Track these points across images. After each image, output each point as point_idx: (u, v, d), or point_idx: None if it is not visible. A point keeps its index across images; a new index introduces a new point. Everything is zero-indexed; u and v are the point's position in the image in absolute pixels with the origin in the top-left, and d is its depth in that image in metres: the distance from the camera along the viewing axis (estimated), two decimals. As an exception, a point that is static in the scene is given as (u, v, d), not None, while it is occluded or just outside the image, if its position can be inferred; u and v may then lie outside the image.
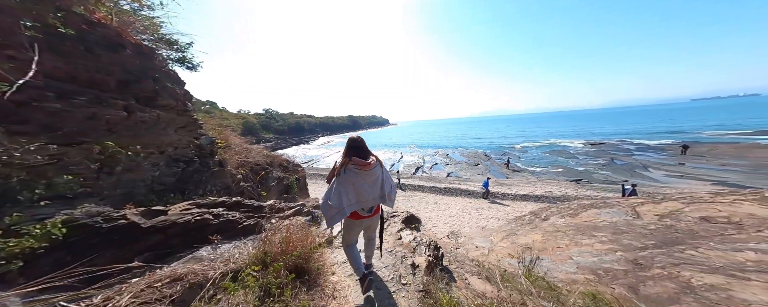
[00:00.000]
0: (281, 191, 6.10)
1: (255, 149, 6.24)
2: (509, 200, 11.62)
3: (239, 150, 4.45)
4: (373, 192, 1.48)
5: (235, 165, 3.55)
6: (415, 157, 32.44)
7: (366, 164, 1.43)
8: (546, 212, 6.64)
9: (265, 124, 79.95)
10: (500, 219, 8.98)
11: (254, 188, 3.76)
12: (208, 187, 3.03)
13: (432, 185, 15.68)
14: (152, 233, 1.75)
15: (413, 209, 10.79)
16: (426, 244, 2.61)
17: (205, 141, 3.38)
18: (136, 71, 2.65)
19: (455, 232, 7.90)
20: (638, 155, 22.89)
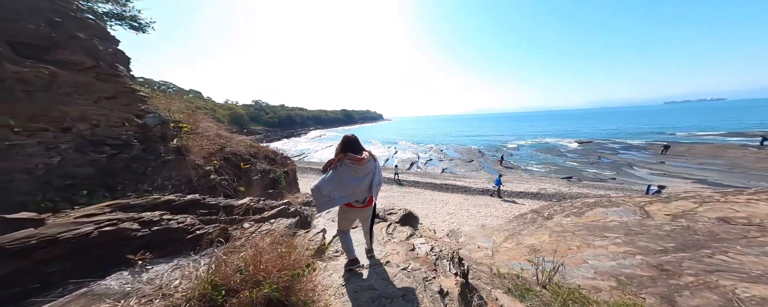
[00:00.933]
0: (266, 186, 5.41)
1: (236, 138, 5.47)
2: (506, 196, 11.49)
3: (212, 137, 3.73)
4: (364, 185, 1.57)
5: (204, 154, 2.88)
6: (409, 152, 32.12)
7: (360, 159, 1.52)
8: (549, 210, 6.42)
9: (254, 115, 76.52)
10: (499, 217, 8.77)
11: (230, 183, 3.10)
12: (159, 181, 2.30)
13: (428, 181, 15.37)
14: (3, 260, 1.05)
15: (410, 206, 10.39)
16: (448, 257, 2.07)
17: (152, 121, 2.59)
18: (11, 5, 1.84)
19: (455, 230, 7.58)
20: (623, 153, 23.75)
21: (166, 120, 2.68)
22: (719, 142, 24.79)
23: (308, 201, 5.43)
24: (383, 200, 11.76)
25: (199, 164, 2.47)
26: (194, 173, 2.37)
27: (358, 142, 1.62)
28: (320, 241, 2.20)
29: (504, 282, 2.56)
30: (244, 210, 2.12)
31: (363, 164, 1.52)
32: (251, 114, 76.88)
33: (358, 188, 1.53)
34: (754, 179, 13.32)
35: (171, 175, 2.36)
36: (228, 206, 2.06)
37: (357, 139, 1.63)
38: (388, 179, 16.60)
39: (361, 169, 1.51)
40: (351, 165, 1.50)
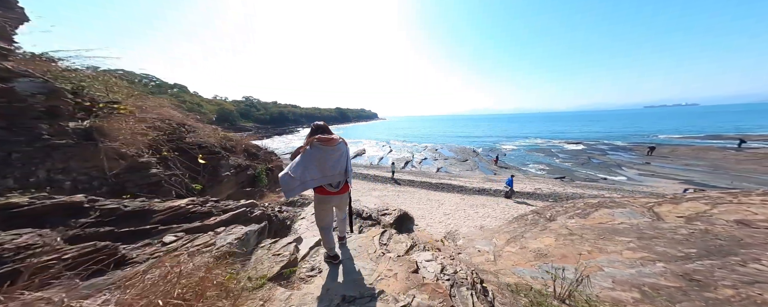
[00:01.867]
0: (243, 184, 4.75)
1: (207, 129, 4.77)
2: (501, 196, 11.24)
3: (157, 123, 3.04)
4: (339, 167, 1.52)
5: (143, 143, 2.23)
6: (404, 151, 31.74)
7: (330, 138, 1.48)
8: (550, 211, 6.10)
9: (244, 112, 73.98)
10: (497, 218, 8.43)
11: (181, 180, 2.46)
12: (42, 173, 1.53)
13: (423, 180, 14.97)
14: None
15: (405, 206, 9.92)
16: (469, 284, 1.46)
17: (26, 87, 1.80)
18: None
19: (452, 232, 7.16)
20: (612, 154, 24.32)
21: (56, 89, 1.91)
22: (700, 145, 25.87)
23: (293, 201, 4.81)
24: (377, 199, 11.23)
25: (128, 154, 1.85)
26: (117, 165, 1.75)
27: (327, 128, 1.57)
28: (290, 255, 1.63)
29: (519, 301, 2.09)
30: (169, 216, 1.51)
31: (334, 144, 1.47)
32: (241, 110, 74.30)
33: (332, 170, 1.48)
34: (737, 179, 13.75)
35: (69, 166, 1.69)
36: (142, 211, 1.43)
37: (326, 126, 1.59)
38: (383, 177, 16.07)
39: (332, 150, 1.47)
40: (322, 147, 1.44)
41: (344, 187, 1.58)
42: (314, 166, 1.40)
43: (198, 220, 1.62)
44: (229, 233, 1.55)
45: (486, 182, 13.81)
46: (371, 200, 11.45)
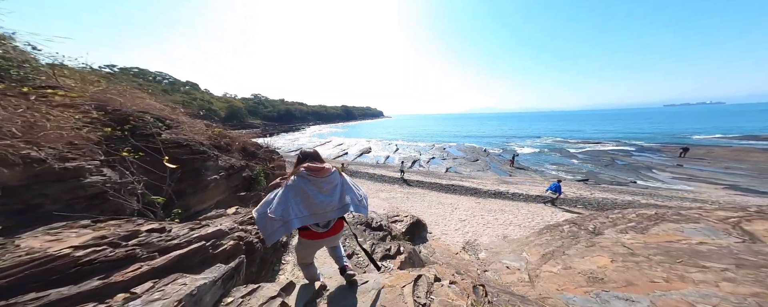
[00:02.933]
0: (236, 188, 4.12)
1: (194, 124, 4.16)
2: (521, 201, 10.26)
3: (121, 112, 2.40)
4: (330, 202, 1.23)
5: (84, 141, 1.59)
6: (411, 150, 30.89)
7: (320, 168, 1.23)
8: (592, 222, 5.19)
9: (252, 109, 74.93)
10: (521, 226, 7.52)
11: (132, 187, 1.78)
12: None
13: (433, 181, 14.14)
14: None
15: (415, 210, 9.17)
16: None
17: None
18: None
19: (471, 242, 6.35)
20: (637, 155, 22.57)
21: None
22: (738, 146, 23.64)
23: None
24: (384, 202, 10.50)
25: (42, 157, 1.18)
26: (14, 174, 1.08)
27: (318, 155, 1.31)
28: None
29: None
30: (29, 275, 0.75)
31: (324, 175, 1.20)
32: (250, 108, 75.34)
33: (322, 206, 1.17)
34: (792, 185, 12.16)
35: None
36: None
37: (317, 153, 1.33)
38: (391, 178, 15.34)
39: (323, 182, 1.20)
40: (310, 177, 1.18)
41: (337, 225, 1.30)
42: (299, 200, 1.14)
43: (100, 274, 0.91)
44: (156, 292, 0.84)
45: (501, 184, 12.81)
46: (379, 203, 10.74)
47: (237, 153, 4.90)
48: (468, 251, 5.73)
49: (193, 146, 3.17)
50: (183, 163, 2.90)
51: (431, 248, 5.66)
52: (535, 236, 5.81)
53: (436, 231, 7.20)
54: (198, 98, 55.58)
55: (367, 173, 16.86)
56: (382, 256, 2.99)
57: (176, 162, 2.84)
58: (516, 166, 19.66)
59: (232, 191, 3.94)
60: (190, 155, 3.05)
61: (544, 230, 5.97)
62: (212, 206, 3.33)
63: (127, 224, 1.33)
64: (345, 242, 3.19)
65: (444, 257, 5.18)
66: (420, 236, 6.42)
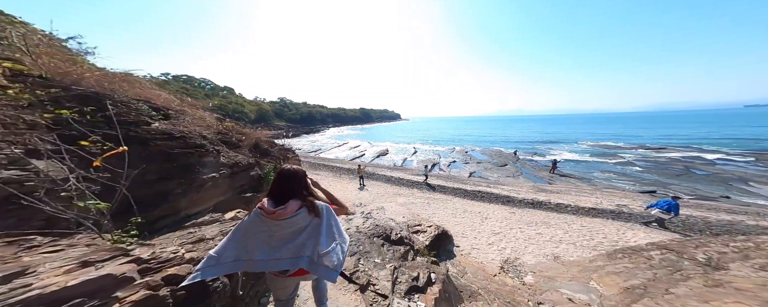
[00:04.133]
0: (242, 188, 3.70)
1: (200, 115, 3.85)
2: (570, 213, 8.58)
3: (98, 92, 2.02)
4: (284, 250, 0.96)
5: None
6: (429, 153, 29.55)
7: (272, 212, 0.97)
8: (701, 249, 3.75)
9: (278, 112, 79.99)
10: (576, 245, 6.08)
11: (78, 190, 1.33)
12: None
13: (456, 187, 12.91)
14: None
15: (437, 218, 8.18)
16: None
17: None
18: None
19: (511, 261, 5.21)
20: (722, 164, 18.32)
21: None
22: None
23: None
24: (402, 207, 9.64)
25: None
26: None
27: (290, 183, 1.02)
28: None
29: None
30: None
31: (277, 218, 0.95)
32: (276, 110, 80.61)
33: (272, 253, 0.95)
34: None
35: None
36: None
37: (291, 178, 1.02)
38: (409, 181, 14.45)
39: (276, 226, 0.95)
40: (261, 217, 0.97)
41: (298, 272, 1.02)
42: (250, 243, 0.95)
43: None
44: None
45: (539, 193, 11.09)
46: (396, 208, 9.86)
47: (247, 150, 4.56)
48: (509, 273, 4.64)
49: (188, 139, 2.78)
50: (173, 158, 2.49)
51: (461, 267, 4.68)
52: (603, 259, 4.49)
53: (464, 245, 6.15)
54: (233, 102, 60.97)
55: (383, 176, 16.19)
56: (409, 288, 2.21)
57: (165, 156, 2.43)
58: (557, 173, 17.15)
59: (236, 192, 3.53)
60: (183, 148, 2.65)
61: (616, 253, 4.61)
62: (210, 209, 2.91)
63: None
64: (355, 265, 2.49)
65: (479, 279, 4.18)
66: (446, 251, 5.46)
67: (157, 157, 2.30)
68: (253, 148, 4.86)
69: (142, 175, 2.15)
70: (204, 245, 1.63)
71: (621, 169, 18.45)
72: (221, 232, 1.90)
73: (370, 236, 3.57)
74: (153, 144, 2.28)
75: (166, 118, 2.89)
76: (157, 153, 2.32)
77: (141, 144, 2.18)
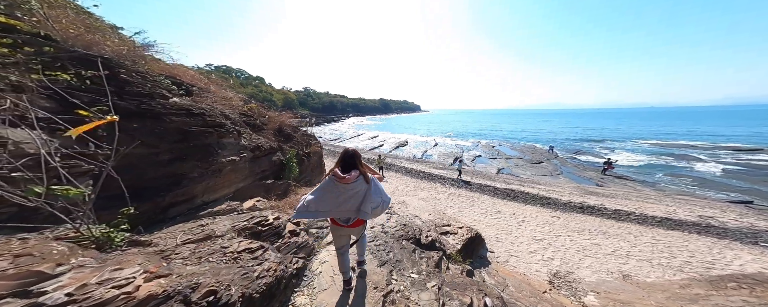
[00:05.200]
0: (264, 174, 3.44)
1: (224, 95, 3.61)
2: (634, 222, 7.10)
3: None
4: (348, 205, 1.47)
5: None
6: (451, 146, 27.97)
7: (342, 177, 1.44)
8: None
9: (302, 100, 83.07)
10: (653, 262, 4.86)
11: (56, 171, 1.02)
12: None
13: (483, 183, 11.85)
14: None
15: (465, 217, 7.47)
16: None
17: None
18: None
19: (563, 275, 4.38)
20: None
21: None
22: None
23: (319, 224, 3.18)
24: (426, 203, 9.03)
25: None
26: None
27: (353, 159, 1.51)
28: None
29: None
30: None
31: (346, 182, 1.43)
32: (300, 99, 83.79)
33: (341, 206, 1.45)
34: None
35: None
36: None
37: (353, 156, 1.52)
38: (431, 175, 13.69)
39: (344, 188, 1.43)
40: (334, 182, 1.44)
41: (356, 222, 1.54)
42: (326, 199, 1.43)
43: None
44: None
45: (588, 196, 9.54)
46: (418, 203, 9.24)
47: (270, 133, 4.33)
48: (562, 290, 3.87)
49: (208, 116, 2.49)
50: (189, 136, 2.21)
51: (500, 277, 4.04)
52: (702, 287, 3.45)
53: (499, 250, 5.44)
54: (263, 91, 64.80)
55: (403, 168, 15.63)
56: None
57: (181, 135, 2.14)
58: (611, 174, 14.58)
59: (257, 177, 3.30)
60: (203, 126, 2.37)
61: (723, 280, 3.52)
62: (229, 195, 2.68)
63: None
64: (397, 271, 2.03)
65: (526, 295, 3.53)
66: (479, 256, 4.84)
67: (172, 134, 2.03)
68: (276, 132, 4.64)
69: (154, 155, 1.89)
70: (208, 245, 1.27)
71: (697, 173, 15.12)
72: (233, 227, 1.53)
73: (398, 239, 3.11)
74: (168, 120, 2.00)
75: (188, 94, 2.65)
76: (172, 130, 2.05)
77: (154, 118, 1.91)
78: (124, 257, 0.95)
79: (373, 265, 2.10)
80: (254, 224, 1.84)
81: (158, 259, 1.03)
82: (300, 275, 1.83)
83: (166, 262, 1.04)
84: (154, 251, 1.06)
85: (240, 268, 1.29)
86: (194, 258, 1.17)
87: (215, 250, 1.33)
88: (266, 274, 1.39)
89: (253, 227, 1.82)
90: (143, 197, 1.76)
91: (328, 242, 2.77)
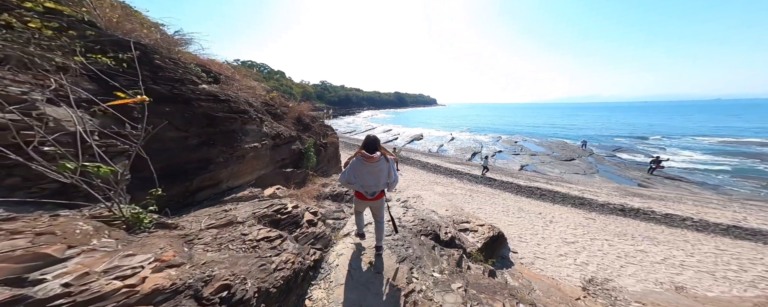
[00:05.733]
0: (284, 162, 3.49)
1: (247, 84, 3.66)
2: (690, 229, 6.13)
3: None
4: (375, 181, 1.87)
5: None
6: (469, 141, 26.72)
7: (369, 157, 1.80)
8: None
9: (319, 94, 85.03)
10: (716, 274, 4.07)
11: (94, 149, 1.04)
12: None
13: (505, 180, 11.18)
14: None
15: (486, 215, 7.10)
16: None
17: None
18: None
19: (599, 282, 3.95)
20: None
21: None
22: None
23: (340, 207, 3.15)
24: (442, 198, 8.72)
25: None
26: None
27: (375, 144, 1.86)
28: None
29: None
30: None
31: (372, 162, 1.79)
32: (318, 93, 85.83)
33: (368, 182, 1.85)
34: None
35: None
36: None
37: (374, 141, 1.88)
38: (447, 170, 13.25)
39: (370, 166, 1.80)
40: (362, 161, 1.81)
41: (379, 195, 1.91)
42: (356, 174, 1.84)
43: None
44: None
45: (631, 197, 8.50)
46: (434, 198, 8.96)
47: (290, 122, 4.38)
48: (598, 298, 3.50)
49: (233, 103, 2.52)
50: (216, 122, 2.24)
51: (524, 280, 3.76)
52: None
53: (523, 251, 5.09)
54: (284, 84, 67.52)
55: (418, 161, 15.32)
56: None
57: (208, 120, 2.18)
58: (659, 174, 12.72)
59: (277, 165, 3.36)
60: (228, 112, 2.40)
61: None
62: (251, 182, 2.75)
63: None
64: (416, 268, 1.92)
65: (555, 301, 3.24)
66: (501, 256, 4.57)
67: (200, 119, 2.08)
68: (296, 122, 4.69)
69: (184, 138, 1.94)
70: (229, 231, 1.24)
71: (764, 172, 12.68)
72: (254, 214, 1.51)
73: (416, 234, 2.98)
74: (197, 105, 2.04)
75: (216, 81, 2.70)
76: (201, 116, 2.09)
77: (185, 103, 1.95)
78: (149, 240, 0.95)
79: (392, 260, 2.01)
80: (274, 211, 1.83)
81: (181, 243, 1.02)
82: (317, 268, 1.79)
83: (188, 247, 1.02)
84: (179, 235, 1.06)
85: (258, 258, 1.25)
86: (215, 244, 1.15)
87: (235, 236, 1.31)
88: (284, 266, 1.34)
89: (273, 215, 1.81)
90: (175, 179, 1.83)
91: (346, 234, 2.74)
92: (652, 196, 8.82)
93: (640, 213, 7.04)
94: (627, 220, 6.77)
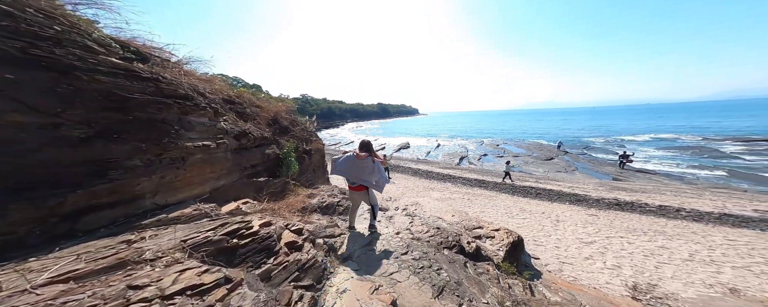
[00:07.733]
0: (253, 170, 2.65)
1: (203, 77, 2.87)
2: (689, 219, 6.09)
3: None
4: (359, 174, 2.44)
5: None
6: (455, 146, 27.23)
7: (359, 154, 2.44)
8: None
9: (301, 108, 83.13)
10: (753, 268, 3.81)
11: None
12: None
13: (498, 182, 11.02)
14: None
15: (488, 217, 6.59)
16: None
17: None
18: None
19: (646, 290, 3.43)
20: None
21: None
22: None
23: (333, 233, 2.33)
24: (442, 203, 8.10)
25: None
26: None
27: (366, 146, 2.47)
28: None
29: None
30: None
31: (360, 159, 2.41)
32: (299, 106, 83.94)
33: (353, 173, 2.45)
34: None
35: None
36: None
37: (367, 145, 2.49)
38: (439, 174, 12.84)
39: (358, 161, 2.41)
40: (353, 156, 2.45)
41: (359, 186, 2.46)
42: (345, 166, 2.48)
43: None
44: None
45: (617, 191, 8.68)
46: (433, 204, 8.23)
47: (264, 123, 3.57)
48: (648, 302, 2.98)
49: (165, 85, 1.72)
50: (129, 107, 1.43)
51: (565, 293, 3.12)
52: None
53: (545, 257, 4.54)
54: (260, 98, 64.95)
55: (409, 168, 14.80)
56: None
57: (116, 103, 1.37)
58: (629, 168, 13.57)
59: (245, 173, 2.49)
60: (155, 95, 1.59)
61: None
62: (203, 195, 1.88)
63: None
64: None
65: None
66: (524, 264, 3.96)
67: (93, 99, 1.27)
68: (271, 122, 3.87)
69: (52, 127, 1.11)
70: (106, 284, 0.48)
71: (723, 164, 14.13)
72: (184, 243, 0.72)
73: (437, 248, 2.29)
74: (87, 77, 1.24)
75: (143, 60, 1.88)
76: (98, 95, 1.28)
77: (60, 73, 1.14)
78: None
79: (426, 296, 1.28)
80: (223, 235, 1.04)
81: None
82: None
83: None
84: None
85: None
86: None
87: (110, 296, 0.54)
88: None
89: (221, 241, 1.02)
90: (32, 195, 0.98)
91: (346, 257, 1.96)
92: (633, 189, 9.16)
93: (636, 206, 7.09)
94: (626, 214, 6.72)
